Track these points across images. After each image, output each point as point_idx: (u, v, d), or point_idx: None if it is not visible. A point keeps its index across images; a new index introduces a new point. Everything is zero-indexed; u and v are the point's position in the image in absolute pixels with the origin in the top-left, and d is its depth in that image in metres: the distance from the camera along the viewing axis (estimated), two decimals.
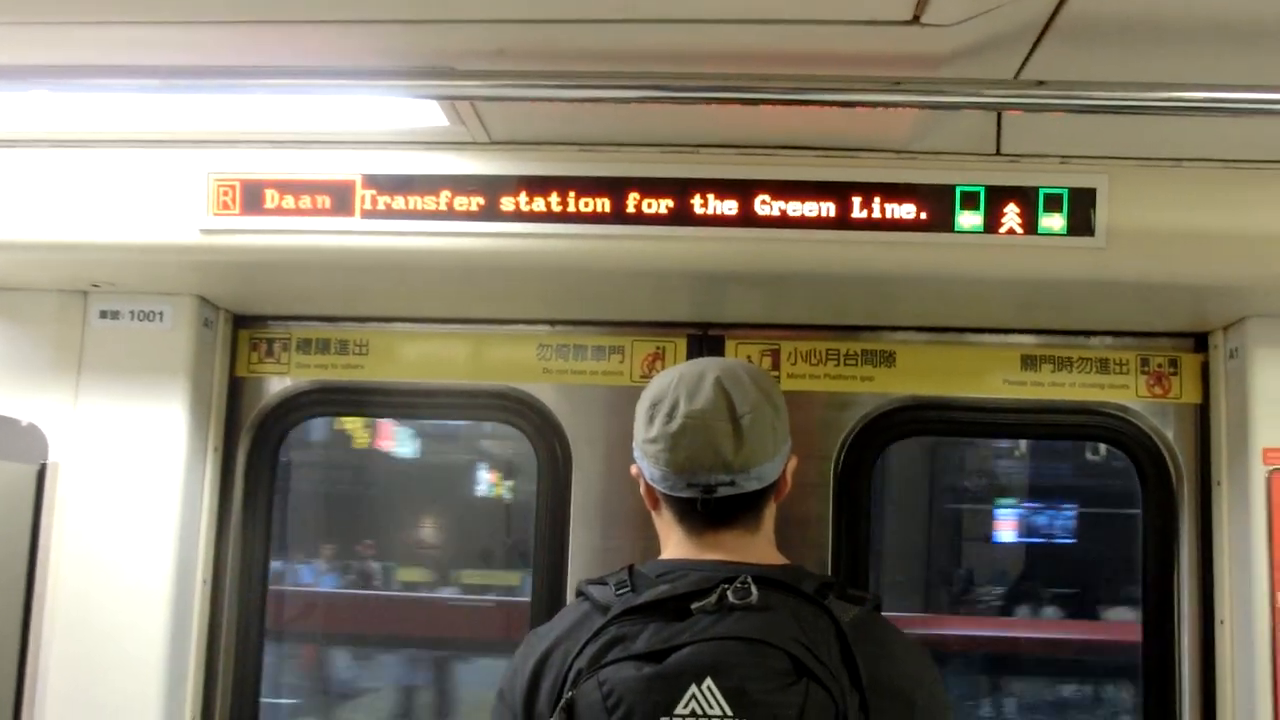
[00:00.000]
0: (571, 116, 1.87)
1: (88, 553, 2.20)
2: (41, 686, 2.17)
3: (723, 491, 1.48)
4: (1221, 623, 2.19)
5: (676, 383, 1.53)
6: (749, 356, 2.34)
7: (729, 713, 1.27)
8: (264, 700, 2.45)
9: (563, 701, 1.33)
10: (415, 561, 5.86)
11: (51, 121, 1.94)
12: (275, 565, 2.57)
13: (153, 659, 2.18)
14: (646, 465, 1.55)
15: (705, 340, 2.36)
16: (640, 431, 1.55)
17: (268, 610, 2.43)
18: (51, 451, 2.23)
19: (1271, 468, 2.12)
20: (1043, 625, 5.10)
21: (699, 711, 1.27)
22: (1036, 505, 5.81)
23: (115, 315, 2.27)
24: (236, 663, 2.37)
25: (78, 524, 2.21)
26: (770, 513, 1.59)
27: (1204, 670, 2.23)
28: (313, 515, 5.63)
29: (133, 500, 2.22)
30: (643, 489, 1.60)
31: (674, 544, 1.56)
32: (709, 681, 1.28)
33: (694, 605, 1.34)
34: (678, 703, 1.27)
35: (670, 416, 1.50)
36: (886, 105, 1.64)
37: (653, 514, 1.61)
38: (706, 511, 1.50)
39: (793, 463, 1.61)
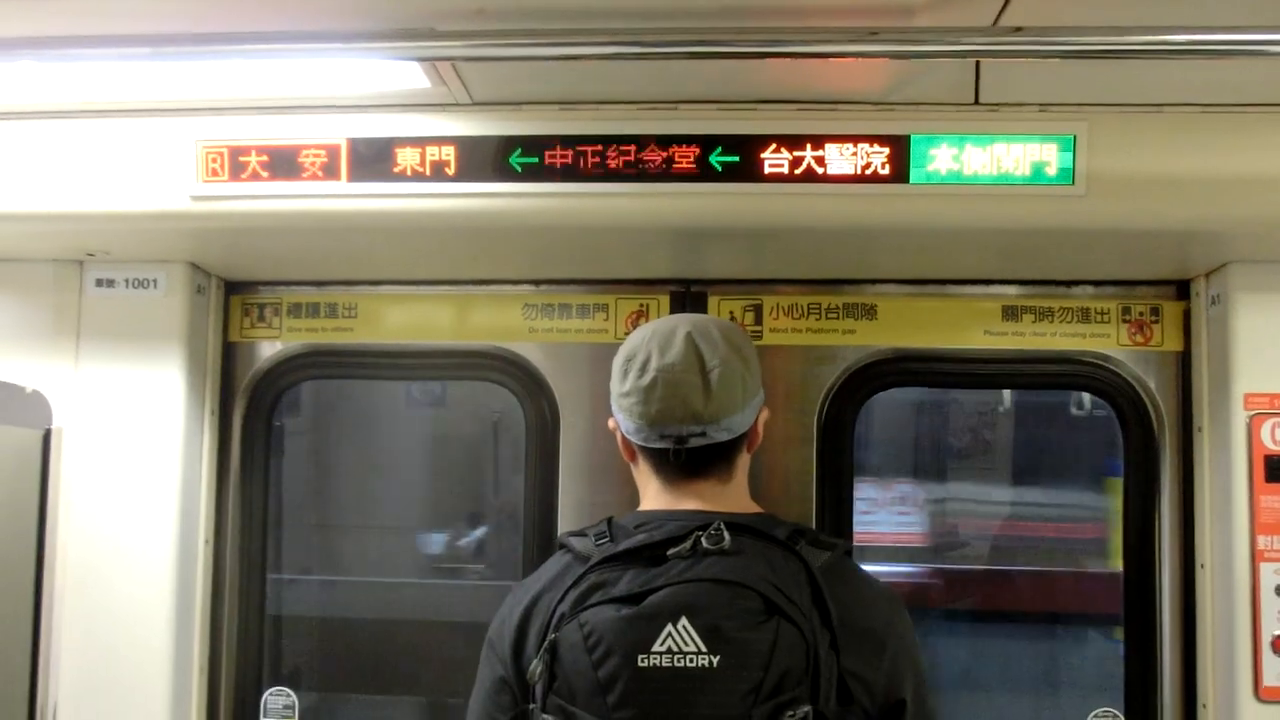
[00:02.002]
0: (551, 75, 1.89)
1: (94, 514, 2.26)
2: (56, 645, 2.24)
3: (694, 442, 1.54)
4: (1202, 566, 2.22)
5: (649, 338, 1.60)
6: (731, 312, 2.37)
7: (703, 649, 1.33)
8: None
9: (546, 643, 1.40)
10: None
11: (40, 93, 1.97)
12: None
13: (160, 616, 2.25)
14: (622, 418, 1.61)
15: (688, 297, 2.38)
16: (615, 386, 1.62)
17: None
18: (55, 417, 2.29)
19: (1252, 412, 2.13)
20: None
21: (675, 649, 1.33)
22: None
23: (110, 283, 2.31)
24: (240, 621, 2.45)
25: (83, 487, 2.27)
26: (743, 463, 1.64)
27: (1184, 613, 2.27)
28: None
29: (135, 463, 2.27)
30: (620, 442, 1.67)
31: (651, 495, 1.62)
32: (684, 620, 1.34)
33: (670, 551, 1.41)
34: (654, 640, 1.34)
35: (643, 371, 1.56)
36: (862, 55, 1.64)
37: (631, 467, 1.68)
38: (679, 462, 1.56)
39: (764, 414, 1.66)
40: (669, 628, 1.35)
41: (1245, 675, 2.08)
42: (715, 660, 1.33)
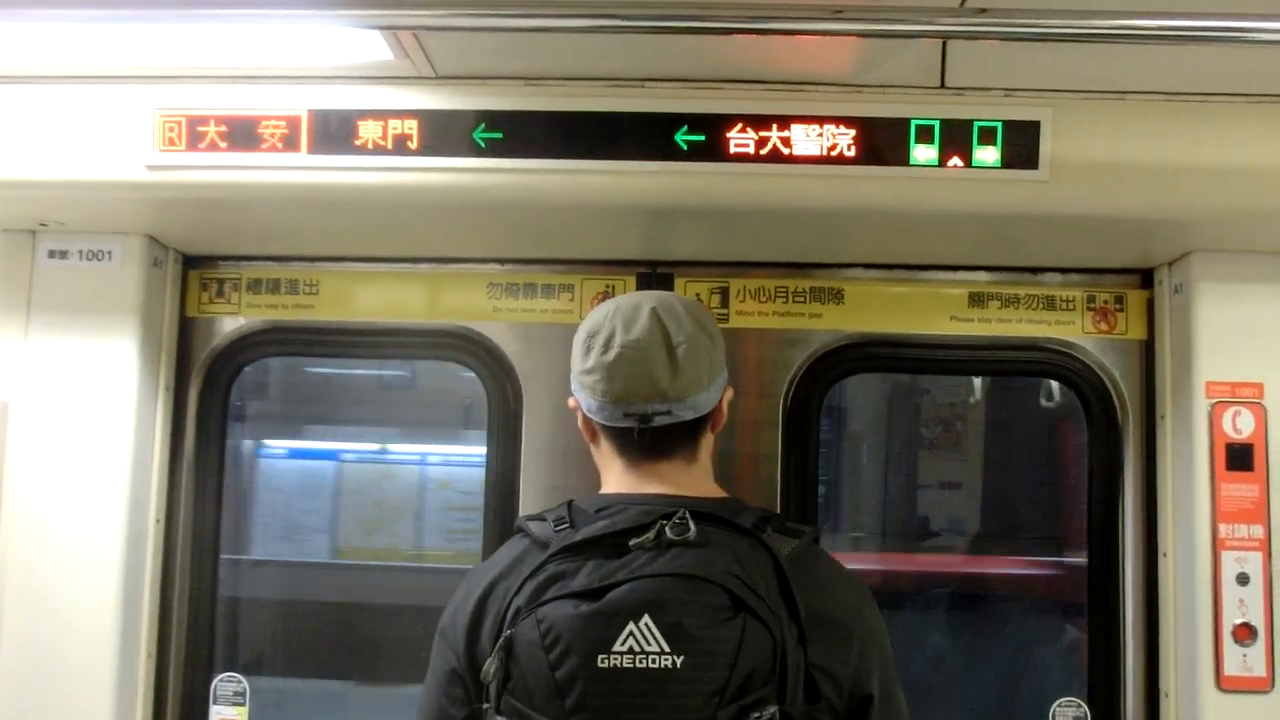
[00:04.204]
0: (516, 50, 1.87)
1: (40, 490, 2.20)
2: None
3: (659, 421, 1.49)
4: (1164, 554, 2.23)
5: (613, 314, 1.54)
6: (698, 294, 2.35)
7: (666, 649, 1.27)
8: None
9: (501, 640, 1.34)
10: None
11: None
12: None
13: (107, 598, 2.19)
14: (584, 397, 1.55)
15: (654, 278, 2.36)
16: (577, 363, 1.56)
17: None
18: (2, 391, 2.23)
19: (1213, 400, 2.14)
20: None
21: (636, 648, 1.28)
22: None
23: (64, 255, 2.26)
24: (190, 600, 2.39)
25: (29, 462, 2.21)
26: (707, 444, 1.59)
27: (1146, 601, 2.27)
28: None
29: (85, 439, 2.22)
30: (580, 421, 1.61)
31: (614, 477, 1.57)
32: (646, 618, 1.29)
33: (632, 542, 1.35)
34: (615, 640, 1.28)
35: (606, 347, 1.51)
36: (827, 34, 1.63)
37: (591, 448, 1.62)
38: (644, 442, 1.51)
39: (729, 394, 1.62)
40: (630, 626, 1.28)
41: (1207, 664, 2.09)
42: (679, 660, 1.27)
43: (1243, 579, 2.10)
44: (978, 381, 3.73)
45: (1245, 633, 2.08)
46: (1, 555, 2.19)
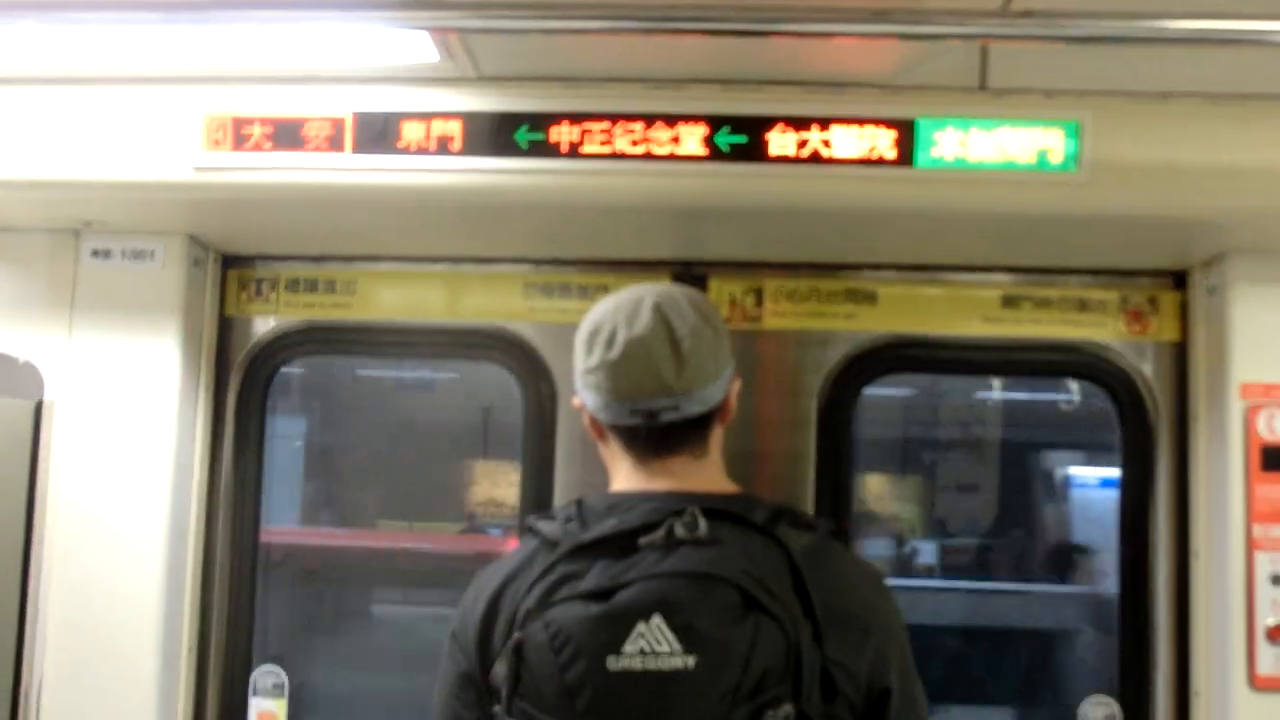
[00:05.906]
0: (559, 52, 1.88)
1: (84, 487, 2.23)
2: (42, 621, 2.21)
3: (666, 416, 1.47)
4: (1196, 555, 2.23)
5: (614, 310, 1.52)
6: (732, 295, 2.36)
7: (679, 649, 1.26)
8: None
9: (510, 643, 1.33)
10: None
11: (43, 60, 1.95)
12: None
13: (149, 593, 2.22)
14: (589, 396, 1.53)
15: (689, 278, 2.35)
16: (580, 362, 1.54)
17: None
18: (47, 389, 2.26)
19: (1248, 402, 2.14)
20: None
21: (647, 649, 1.27)
22: None
23: (107, 254, 2.28)
24: (230, 594, 2.42)
25: (74, 460, 2.24)
26: (717, 438, 1.57)
27: (1178, 600, 2.28)
28: None
29: (128, 436, 2.25)
30: (586, 421, 1.59)
31: (623, 475, 1.54)
32: (657, 618, 1.28)
33: (641, 541, 1.33)
34: (625, 640, 1.27)
35: (610, 344, 1.48)
36: (870, 35, 1.64)
37: (600, 446, 1.60)
38: (652, 438, 1.49)
39: (736, 386, 1.59)
40: (640, 626, 1.27)
41: (1239, 663, 2.09)
42: (692, 661, 1.26)
43: (1277, 579, 2.10)
44: None
45: (1279, 633, 2.09)
46: (47, 550, 2.22)
